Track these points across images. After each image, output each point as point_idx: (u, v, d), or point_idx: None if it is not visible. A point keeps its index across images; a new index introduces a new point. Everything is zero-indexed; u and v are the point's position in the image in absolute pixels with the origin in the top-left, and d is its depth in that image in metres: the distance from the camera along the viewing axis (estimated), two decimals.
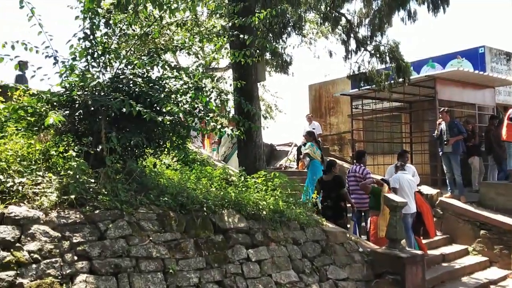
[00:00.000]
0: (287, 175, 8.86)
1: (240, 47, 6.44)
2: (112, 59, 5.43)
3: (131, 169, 5.12)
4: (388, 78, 10.63)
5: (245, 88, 6.71)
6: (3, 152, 4.56)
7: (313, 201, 7.73)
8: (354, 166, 9.23)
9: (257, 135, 8.95)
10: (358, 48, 10.79)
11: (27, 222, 3.89)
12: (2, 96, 6.64)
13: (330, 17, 10.25)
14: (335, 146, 18.49)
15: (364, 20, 10.73)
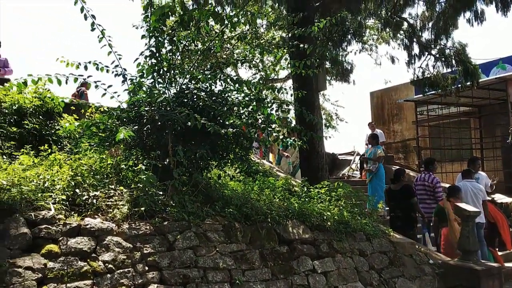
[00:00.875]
0: (351, 184, 8.70)
1: (300, 57, 6.44)
2: (177, 75, 5.61)
3: (197, 181, 5.24)
4: (455, 82, 10.21)
5: (306, 98, 6.68)
6: (78, 167, 4.81)
7: (380, 211, 7.54)
8: (422, 174, 8.90)
9: (319, 145, 8.88)
10: (421, 52, 10.49)
11: (101, 233, 4.07)
12: (76, 113, 7.06)
13: (391, 22, 10.04)
14: (399, 154, 17.96)
15: (427, 23, 10.42)
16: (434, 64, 10.31)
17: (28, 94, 6.71)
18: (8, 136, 6.10)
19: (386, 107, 18.71)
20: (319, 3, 9.14)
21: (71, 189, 4.45)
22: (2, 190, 3.95)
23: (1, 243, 3.58)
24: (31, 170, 4.62)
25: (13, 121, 6.40)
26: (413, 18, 10.72)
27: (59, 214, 4.06)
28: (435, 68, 10.31)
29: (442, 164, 13.95)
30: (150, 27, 5.11)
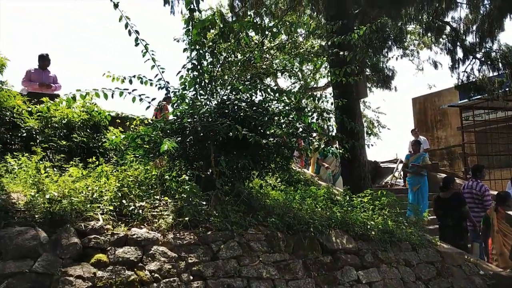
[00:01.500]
0: (394, 193, 8.52)
1: (340, 65, 6.40)
2: (218, 86, 5.70)
3: (239, 191, 5.28)
4: (502, 86, 9.85)
5: (347, 106, 6.63)
6: (124, 178, 4.95)
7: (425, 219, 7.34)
8: (470, 182, 8.61)
9: (361, 153, 8.78)
10: (465, 56, 10.21)
11: (147, 243, 4.16)
12: (121, 126, 7.28)
13: (433, 26, 9.85)
14: (444, 161, 17.46)
15: (471, 26, 10.14)
16: (480, 68, 10.02)
17: (76, 108, 6.97)
18: (58, 149, 6.36)
19: (429, 113, 18.27)
20: (359, 10, 9.09)
21: (118, 200, 4.58)
22: (54, 202, 4.11)
23: (54, 253, 3.72)
24: (80, 181, 4.79)
25: (63, 135, 6.67)
26: (456, 22, 10.48)
27: (107, 224, 4.19)
28: (481, 72, 10.02)
29: (490, 171, 13.44)
30: (191, 41, 5.22)
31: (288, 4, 9.34)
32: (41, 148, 5.56)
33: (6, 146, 6.24)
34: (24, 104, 6.75)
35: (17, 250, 3.58)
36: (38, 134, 6.58)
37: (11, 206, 4.05)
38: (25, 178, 4.79)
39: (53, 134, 6.62)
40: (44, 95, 7.08)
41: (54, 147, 6.41)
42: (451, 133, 17.25)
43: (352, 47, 7.77)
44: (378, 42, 9.81)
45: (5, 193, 4.30)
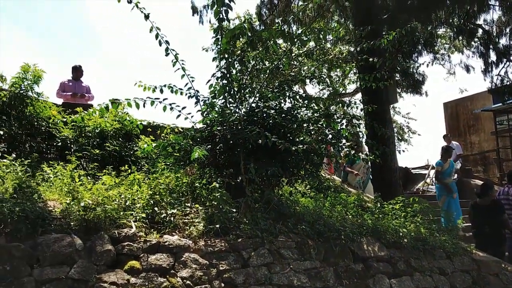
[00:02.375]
0: (426, 199, 8.35)
1: (370, 71, 6.36)
2: (247, 94, 5.73)
3: (269, 198, 5.28)
4: None
5: (377, 112, 6.56)
6: (156, 186, 5.03)
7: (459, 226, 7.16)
8: (505, 188, 8.35)
9: (392, 159, 8.66)
10: (499, 59, 9.97)
11: (179, 250, 4.21)
12: (152, 135, 7.40)
13: (464, 30, 9.66)
14: (478, 167, 17.01)
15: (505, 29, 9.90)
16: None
17: (108, 118, 7.13)
18: (92, 158, 6.52)
19: (462, 118, 17.88)
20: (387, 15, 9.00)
21: (150, 207, 4.66)
22: (88, 209, 4.21)
23: (89, 259, 3.81)
24: (113, 189, 4.89)
25: (96, 144, 6.84)
26: (488, 24, 10.25)
27: (140, 232, 4.26)
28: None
29: None
30: (220, 50, 5.28)
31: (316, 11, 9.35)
32: (75, 157, 5.71)
33: (42, 155, 6.44)
34: (59, 115, 6.95)
35: (54, 257, 3.67)
36: (72, 144, 6.77)
37: (48, 213, 4.17)
38: (60, 187, 4.92)
39: (86, 143, 6.80)
40: (78, 105, 7.27)
41: (88, 156, 6.57)
42: (484, 138, 16.83)
43: (381, 53, 7.70)
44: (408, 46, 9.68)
45: (42, 201, 4.43)
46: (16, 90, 6.60)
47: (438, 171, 10.14)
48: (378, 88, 6.38)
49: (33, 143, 6.61)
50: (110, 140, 6.90)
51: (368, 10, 8.98)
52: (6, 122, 6.41)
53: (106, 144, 6.75)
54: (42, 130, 6.74)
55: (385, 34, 6.34)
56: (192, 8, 12.52)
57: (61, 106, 7.54)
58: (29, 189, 4.55)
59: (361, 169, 10.38)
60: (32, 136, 6.64)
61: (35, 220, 3.94)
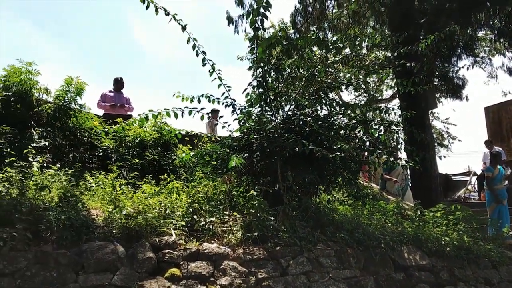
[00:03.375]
0: (469, 207, 8.11)
1: (407, 76, 6.25)
2: (283, 102, 5.74)
3: (306, 206, 5.25)
4: None
5: (415, 117, 6.43)
6: (195, 194, 5.09)
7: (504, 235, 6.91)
8: None
9: (432, 166, 8.46)
10: None
11: (218, 258, 4.24)
12: (190, 144, 7.51)
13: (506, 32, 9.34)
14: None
15: None
16: None
17: (147, 128, 7.29)
18: (132, 167, 6.67)
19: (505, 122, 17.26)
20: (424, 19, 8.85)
21: (189, 216, 4.72)
22: (130, 217, 4.30)
23: (131, 267, 3.88)
24: (153, 198, 4.98)
25: (136, 153, 7.00)
26: None
27: (180, 240, 4.32)
28: None
29: None
30: (256, 58, 5.32)
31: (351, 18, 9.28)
32: (116, 166, 5.86)
33: (85, 165, 6.63)
34: (101, 125, 7.15)
35: (98, 264, 3.77)
36: (113, 153, 6.95)
37: (91, 221, 4.29)
38: (102, 195, 5.06)
39: (126, 152, 6.97)
40: (119, 116, 7.47)
41: (128, 165, 6.73)
42: None
43: (419, 57, 7.56)
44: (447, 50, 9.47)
45: (85, 210, 4.56)
46: (60, 102, 6.85)
47: (489, 178, 9.82)
48: (416, 93, 6.26)
49: (76, 154, 6.82)
50: (149, 150, 7.05)
51: (404, 15, 8.85)
52: (51, 133, 6.65)
53: (145, 153, 6.89)
54: (84, 140, 6.95)
55: (422, 38, 6.21)
56: (227, 18, 12.67)
57: (102, 117, 7.76)
58: (73, 198, 4.70)
59: (399, 176, 10.18)
60: (75, 146, 6.85)
61: (79, 228, 4.06)
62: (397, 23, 8.75)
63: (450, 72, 10.29)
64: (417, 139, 5.78)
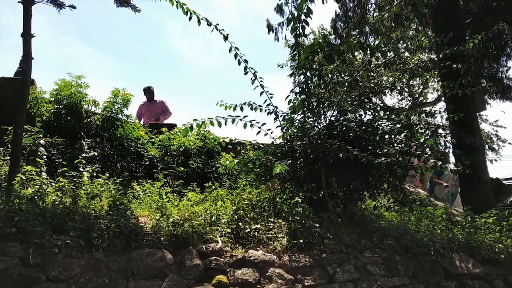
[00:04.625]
0: None
1: (453, 78, 6.08)
2: (325, 108, 5.71)
3: (352, 213, 5.19)
4: None
5: (463, 120, 6.24)
6: (240, 201, 5.13)
7: None
8: None
9: (482, 170, 8.15)
10: None
11: (264, 265, 4.24)
12: (232, 151, 7.57)
13: None
14: None
15: None
16: None
17: (191, 136, 7.42)
18: (177, 175, 6.80)
19: None
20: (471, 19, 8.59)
21: (235, 223, 4.75)
22: (177, 225, 4.38)
23: (179, 273, 3.95)
24: (198, 205, 5.05)
25: (180, 162, 7.13)
26: None
27: (226, 247, 4.35)
28: None
29: None
30: (298, 65, 5.32)
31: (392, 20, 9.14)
32: (162, 174, 5.99)
33: (132, 174, 6.82)
34: (146, 135, 7.34)
35: (147, 271, 3.86)
36: (159, 162, 7.11)
37: (140, 229, 4.40)
38: (149, 203, 5.18)
39: (172, 161, 7.11)
40: (163, 126, 7.64)
41: (173, 173, 6.87)
42: None
43: (465, 58, 7.33)
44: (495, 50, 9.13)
45: (134, 217, 4.68)
46: (107, 113, 7.08)
47: None
48: (464, 96, 6.09)
49: (123, 163, 7.03)
50: (194, 158, 7.16)
51: (449, 16, 8.62)
52: (99, 144, 6.88)
53: (190, 161, 7.01)
54: (131, 150, 7.15)
55: (468, 38, 6.03)
56: (267, 26, 12.77)
57: (148, 127, 7.96)
58: (122, 206, 4.84)
59: (449, 180, 9.88)
60: (123, 156, 7.06)
61: (129, 235, 4.18)
62: (442, 24, 8.52)
63: (499, 73, 9.91)
64: (465, 143, 5.61)
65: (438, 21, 8.77)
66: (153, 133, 7.43)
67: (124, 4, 5.73)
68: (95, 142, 6.88)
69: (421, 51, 10.14)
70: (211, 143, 7.42)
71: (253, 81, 5.57)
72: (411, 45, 6.36)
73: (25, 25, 5.04)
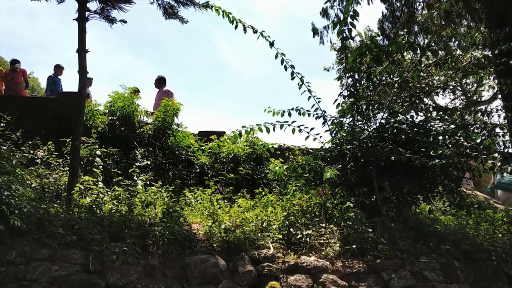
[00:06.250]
0: None
1: (510, 74, 5.82)
2: (375, 110, 5.60)
3: (406, 217, 5.05)
4: None
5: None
6: (290, 207, 5.11)
7: None
8: None
9: None
10: None
11: (317, 271, 4.20)
12: (281, 157, 7.57)
13: None
14: None
15: None
16: None
17: (240, 143, 7.48)
18: (227, 182, 6.88)
19: None
20: None
21: (286, 229, 4.74)
22: (229, 231, 4.43)
23: (232, 279, 3.99)
24: (249, 212, 5.08)
25: (230, 168, 7.20)
26: None
27: (278, 253, 4.35)
28: None
29: None
30: (346, 68, 5.26)
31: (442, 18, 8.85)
32: (212, 181, 6.08)
33: (184, 181, 6.96)
34: (196, 143, 7.48)
35: (201, 277, 3.92)
36: (209, 169, 7.22)
37: (193, 236, 4.48)
38: (201, 210, 5.27)
39: (221, 168, 7.20)
40: (212, 133, 7.75)
41: (223, 180, 6.95)
42: None
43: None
44: None
45: (187, 224, 4.78)
46: (159, 123, 7.27)
47: None
48: None
49: (175, 171, 7.19)
50: (243, 164, 7.21)
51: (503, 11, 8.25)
52: (152, 153, 7.08)
53: (239, 168, 7.07)
54: (182, 158, 7.30)
55: None
56: (312, 30, 12.74)
57: (197, 135, 8.10)
58: (175, 213, 4.95)
59: None
60: (174, 164, 7.22)
61: (182, 242, 4.26)
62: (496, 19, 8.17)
63: None
64: None
65: (492, 16, 8.41)
66: (203, 141, 7.56)
67: (172, 16, 5.88)
68: (147, 151, 7.08)
69: (474, 48, 9.77)
70: (259, 149, 7.45)
71: (300, 86, 5.56)
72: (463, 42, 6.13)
73: (80, 41, 5.28)
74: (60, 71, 10.78)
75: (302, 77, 5.52)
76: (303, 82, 5.51)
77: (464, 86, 13.71)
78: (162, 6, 5.88)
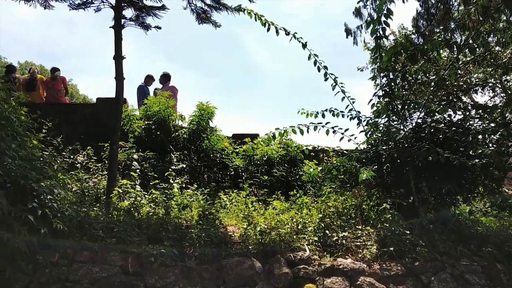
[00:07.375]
0: None
1: None
2: (411, 110, 5.50)
3: (445, 219, 4.93)
4: None
5: None
6: (325, 209, 5.08)
7: None
8: None
9: None
10: None
11: (353, 273, 4.15)
12: (315, 159, 7.54)
13: None
14: None
15: None
16: None
17: (273, 145, 7.49)
18: (261, 184, 6.90)
19: None
20: None
21: (321, 231, 4.71)
22: (264, 233, 4.44)
23: (268, 282, 3.99)
24: (284, 214, 5.08)
25: (264, 171, 7.22)
26: None
27: (314, 255, 4.33)
28: None
29: None
30: (380, 67, 5.18)
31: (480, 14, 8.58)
32: (247, 184, 6.11)
33: (218, 184, 7.03)
34: (231, 146, 7.53)
35: (238, 279, 3.94)
36: (243, 172, 7.26)
37: (229, 238, 4.51)
38: (236, 212, 5.30)
39: (255, 170, 7.23)
40: (246, 136, 7.79)
41: (258, 182, 6.97)
42: None
43: None
44: None
45: (222, 227, 4.81)
46: (193, 127, 7.37)
47: None
48: None
49: (210, 174, 7.27)
50: (277, 166, 7.22)
51: None
52: (187, 156, 7.17)
53: (273, 170, 7.08)
54: (217, 161, 7.37)
55: None
56: (345, 30, 12.59)
57: (231, 138, 8.16)
58: (210, 215, 5.00)
59: None
60: (209, 167, 7.30)
61: (218, 244, 4.30)
62: None
63: None
64: None
65: None
66: (237, 144, 7.61)
67: (205, 21, 5.96)
68: (183, 155, 7.18)
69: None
70: (293, 151, 7.44)
71: (334, 87, 5.51)
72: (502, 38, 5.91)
73: (117, 48, 5.42)
74: (151, 81, 10.93)
75: (336, 77, 5.48)
76: (337, 82, 5.46)
77: (504, 83, 13.23)
78: (196, 12, 5.96)
